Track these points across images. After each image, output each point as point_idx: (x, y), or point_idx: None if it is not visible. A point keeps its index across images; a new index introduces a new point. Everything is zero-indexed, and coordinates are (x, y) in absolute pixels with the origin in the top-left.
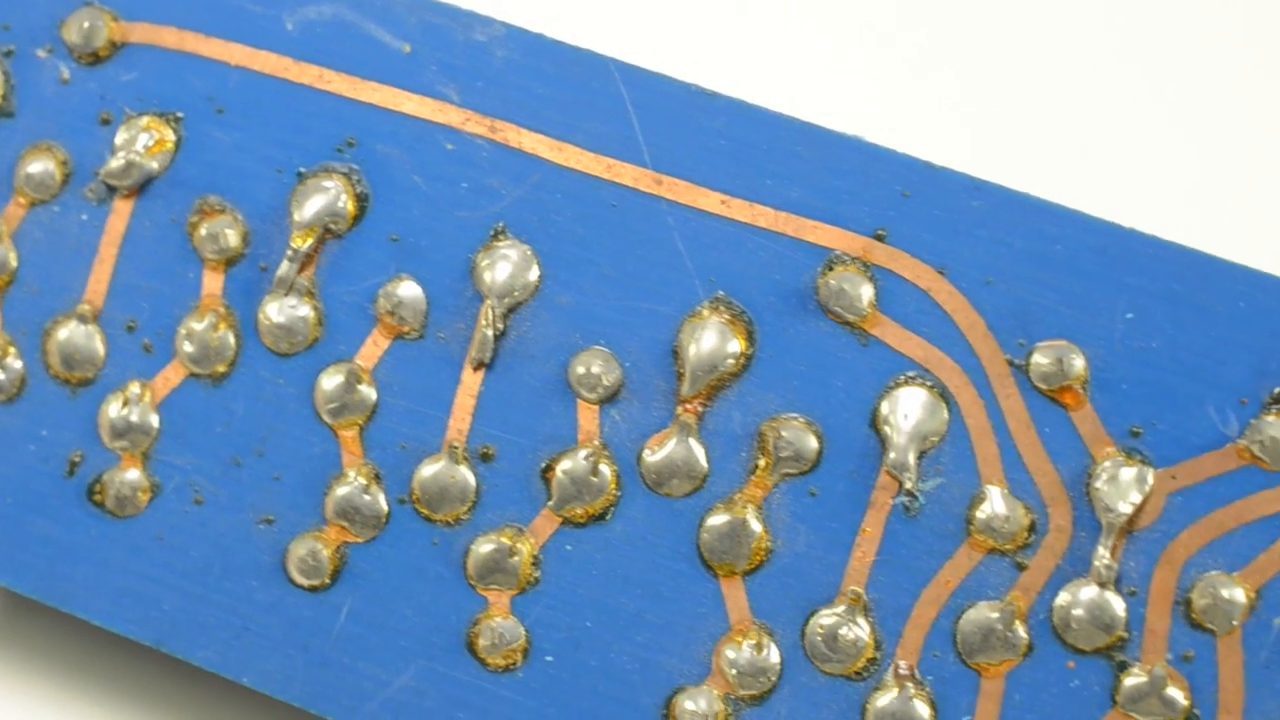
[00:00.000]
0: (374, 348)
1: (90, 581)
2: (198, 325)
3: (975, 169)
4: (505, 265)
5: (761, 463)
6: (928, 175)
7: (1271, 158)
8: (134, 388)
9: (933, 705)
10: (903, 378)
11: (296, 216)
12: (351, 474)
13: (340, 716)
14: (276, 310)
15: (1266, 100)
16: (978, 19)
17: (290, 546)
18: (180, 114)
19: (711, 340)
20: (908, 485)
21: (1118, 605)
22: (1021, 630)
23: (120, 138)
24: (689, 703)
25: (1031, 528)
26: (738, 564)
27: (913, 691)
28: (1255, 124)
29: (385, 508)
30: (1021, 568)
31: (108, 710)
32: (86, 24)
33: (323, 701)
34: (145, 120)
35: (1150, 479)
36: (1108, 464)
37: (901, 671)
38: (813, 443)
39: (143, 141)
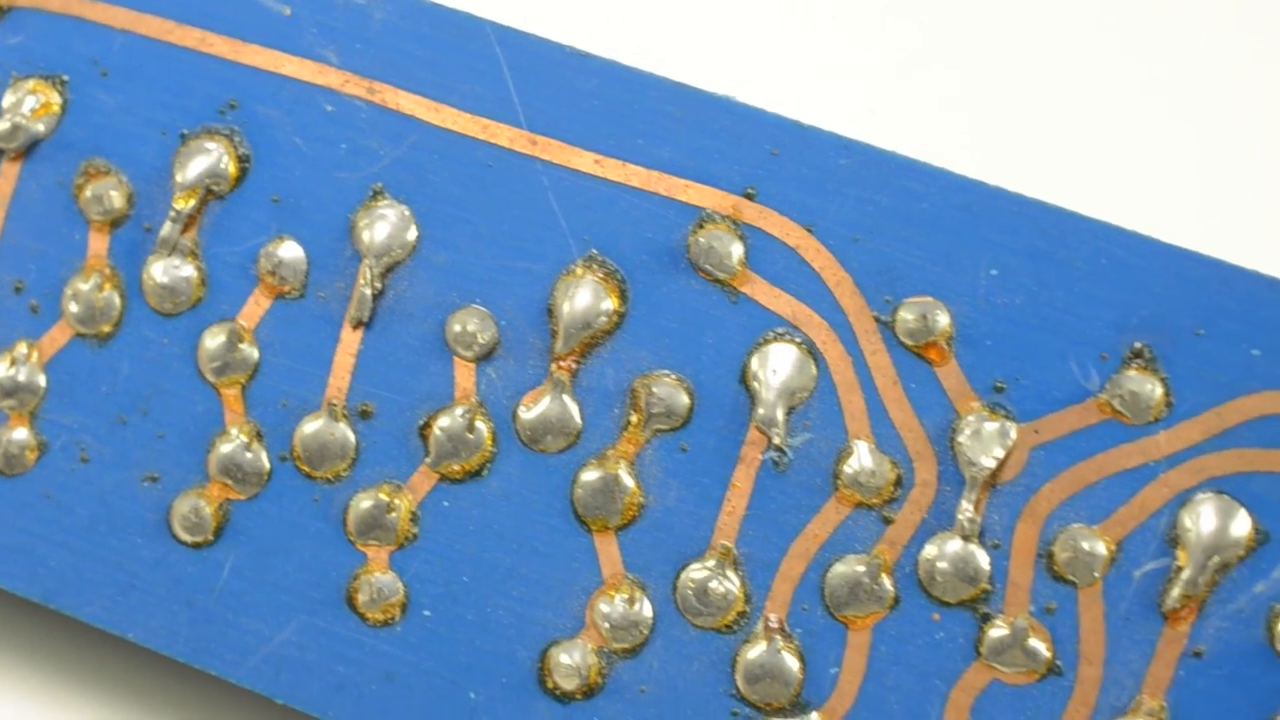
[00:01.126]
0: (255, 307)
1: None
2: (83, 286)
3: (844, 128)
4: (383, 225)
5: (633, 419)
6: (796, 134)
7: (1185, 123)
8: (21, 348)
9: (801, 657)
10: (772, 334)
11: (179, 178)
12: (234, 432)
13: (224, 671)
14: (160, 271)
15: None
16: None
17: (174, 503)
18: (65, 77)
19: (585, 298)
20: (776, 441)
21: (982, 558)
22: (888, 583)
23: (6, 101)
24: (563, 656)
25: (897, 482)
26: (610, 519)
27: (781, 644)
28: (1169, 90)
29: (267, 465)
30: (888, 522)
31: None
32: None
33: (206, 656)
34: (31, 83)
35: (1013, 433)
36: (972, 419)
37: (771, 624)
38: (684, 399)
39: (29, 105)
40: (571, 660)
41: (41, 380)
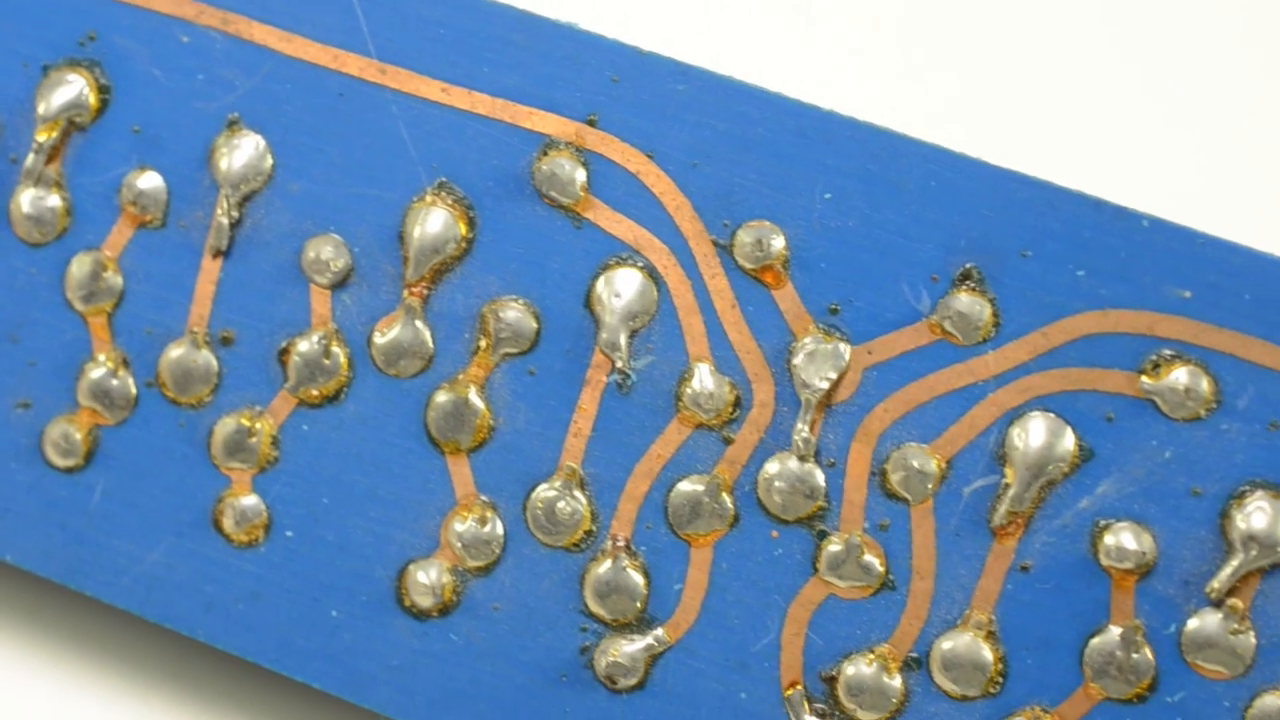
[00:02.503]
0: (119, 236)
1: None
2: None
3: (684, 54)
4: (240, 155)
5: (483, 343)
6: (636, 61)
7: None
8: None
9: (646, 574)
10: (614, 259)
11: (41, 110)
12: (101, 358)
13: (98, 591)
14: (27, 201)
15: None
16: None
17: (46, 429)
18: None
19: (435, 225)
20: (619, 364)
21: (818, 477)
22: (728, 501)
23: None
24: (420, 574)
25: (736, 403)
26: (462, 441)
27: (626, 562)
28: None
29: (134, 391)
30: (728, 442)
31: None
32: None
33: (80, 577)
34: None
35: (846, 355)
36: (807, 340)
37: (617, 543)
38: (531, 324)
39: None
40: (427, 579)
41: None
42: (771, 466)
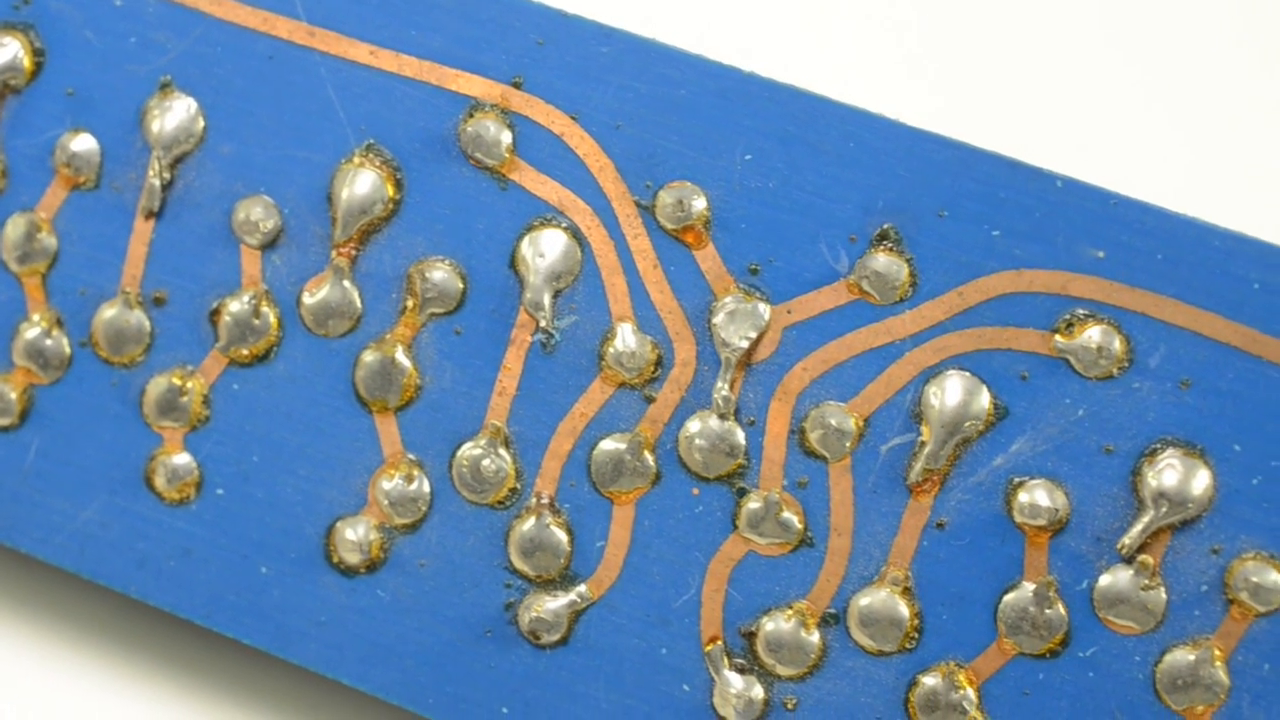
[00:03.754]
0: (53, 198)
1: None
2: None
3: (608, 17)
4: (171, 117)
5: (410, 303)
6: (561, 24)
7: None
8: None
9: (569, 531)
10: (539, 220)
11: None
12: (36, 318)
13: (33, 548)
14: None
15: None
16: None
17: None
18: None
19: (362, 187)
20: (543, 323)
21: (738, 435)
22: (650, 460)
23: None
24: (348, 531)
25: (658, 362)
26: (389, 400)
27: (550, 519)
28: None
29: (68, 350)
30: (650, 400)
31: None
32: None
33: (16, 534)
34: None
35: (766, 314)
36: (727, 300)
37: (541, 500)
38: (457, 284)
39: None
40: (355, 535)
41: None
42: (693, 425)
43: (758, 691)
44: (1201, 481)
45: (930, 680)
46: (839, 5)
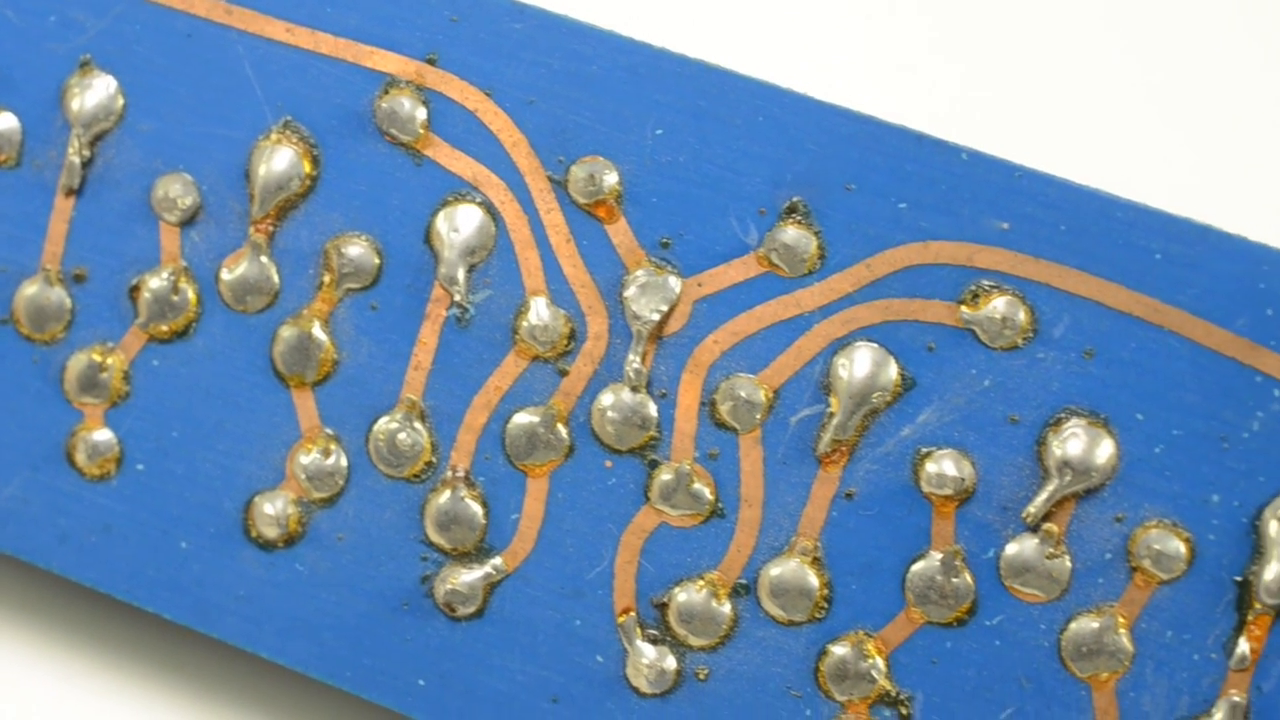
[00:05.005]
0: None
1: None
2: None
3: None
4: (91, 95)
5: (326, 279)
6: (474, 1)
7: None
8: None
9: (484, 504)
10: (453, 195)
11: None
12: None
13: None
14: None
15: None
16: None
17: None
18: None
19: (280, 163)
20: (458, 298)
21: (650, 407)
22: (563, 432)
23: None
24: (266, 506)
25: (571, 336)
26: (307, 375)
27: (465, 492)
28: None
29: None
30: (563, 374)
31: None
32: None
33: None
34: None
35: (677, 287)
36: (639, 273)
37: (456, 474)
38: (373, 259)
39: None
40: (273, 510)
41: None
42: (605, 398)
43: (670, 662)
44: (1105, 450)
45: (840, 650)
46: None
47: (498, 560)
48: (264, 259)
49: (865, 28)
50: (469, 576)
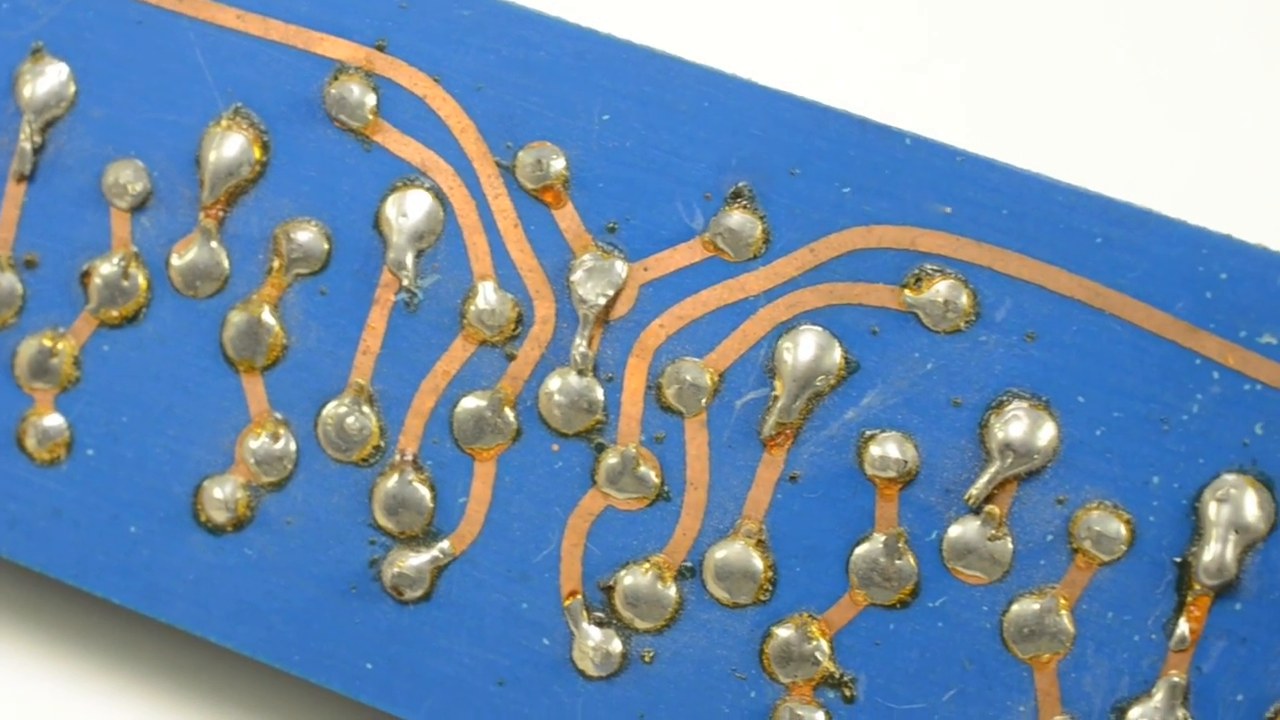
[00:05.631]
0: None
1: None
2: None
3: None
4: (43, 82)
5: (276, 264)
6: None
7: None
8: None
9: (432, 488)
10: (402, 181)
11: None
12: None
13: None
14: None
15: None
16: None
17: None
18: None
19: (230, 150)
20: (406, 282)
21: (596, 391)
22: (510, 416)
23: None
24: (215, 490)
25: (519, 320)
26: (256, 359)
27: (413, 476)
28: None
29: None
30: (510, 358)
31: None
32: None
33: None
34: None
35: (623, 271)
36: (586, 258)
37: (404, 458)
38: (322, 244)
39: None
40: (222, 494)
41: None
42: (552, 382)
43: (616, 645)
44: (1047, 433)
45: (784, 632)
46: None
47: (445, 544)
48: (214, 244)
49: (814, 13)
50: (416, 560)
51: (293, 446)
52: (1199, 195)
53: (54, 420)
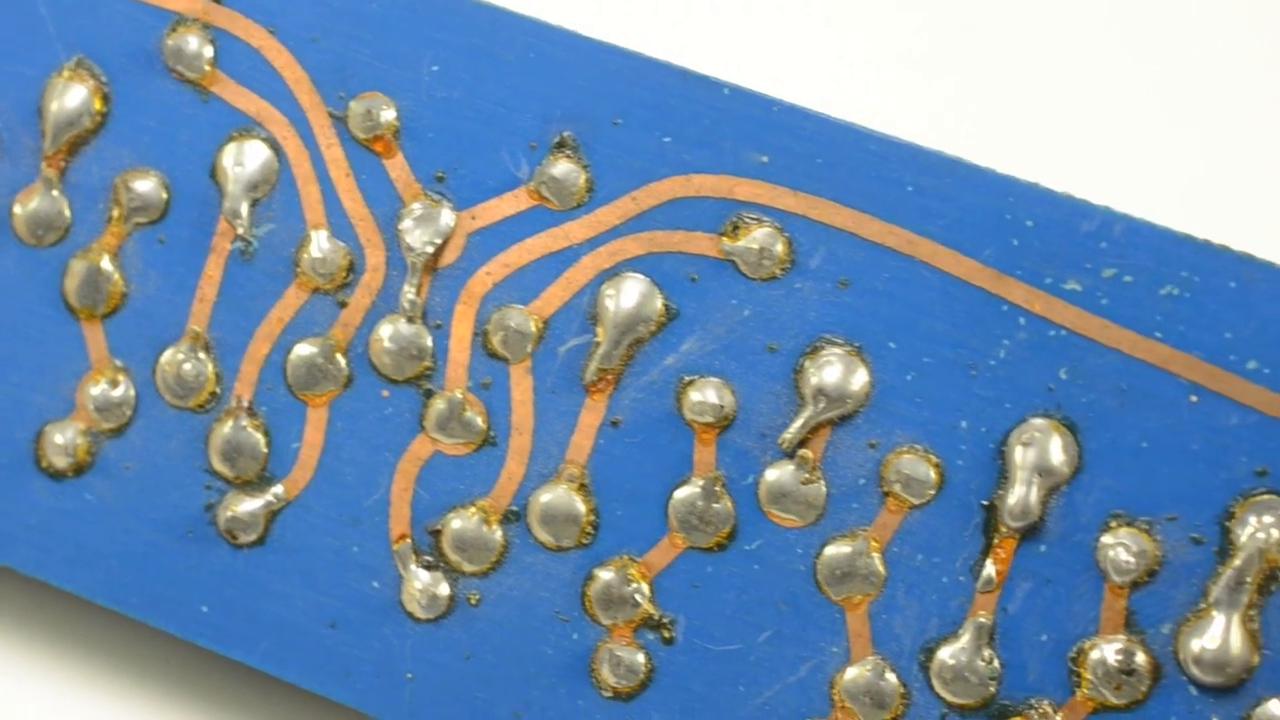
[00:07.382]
0: None
1: None
2: None
3: None
4: None
5: (115, 213)
6: None
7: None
8: None
9: (266, 434)
10: (238, 131)
11: None
12: None
13: None
14: None
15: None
16: None
17: None
18: None
19: (72, 100)
20: (241, 231)
21: (425, 338)
22: (342, 363)
23: None
24: (56, 436)
25: (350, 268)
26: (96, 307)
27: (247, 422)
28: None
29: None
30: (342, 305)
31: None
32: None
33: None
34: None
35: (451, 220)
36: (415, 206)
37: (240, 404)
38: (161, 194)
39: None
40: (63, 439)
41: None
42: (383, 329)
43: (443, 588)
44: (859, 378)
45: (605, 574)
46: None
47: (278, 488)
48: (55, 194)
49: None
50: (250, 505)
51: (132, 393)
52: (1008, 143)
53: None
